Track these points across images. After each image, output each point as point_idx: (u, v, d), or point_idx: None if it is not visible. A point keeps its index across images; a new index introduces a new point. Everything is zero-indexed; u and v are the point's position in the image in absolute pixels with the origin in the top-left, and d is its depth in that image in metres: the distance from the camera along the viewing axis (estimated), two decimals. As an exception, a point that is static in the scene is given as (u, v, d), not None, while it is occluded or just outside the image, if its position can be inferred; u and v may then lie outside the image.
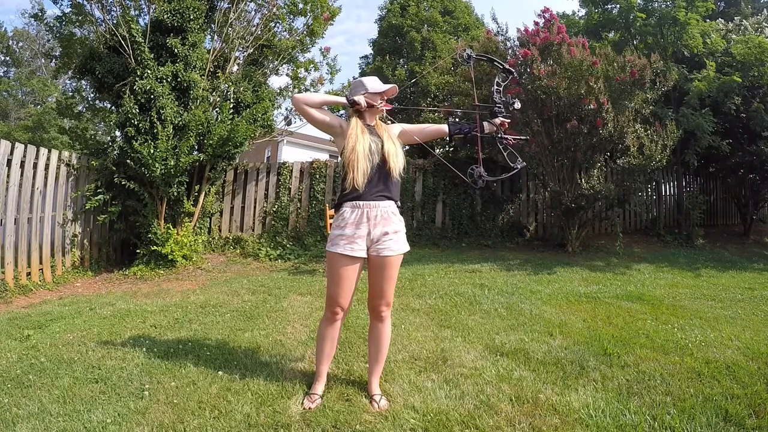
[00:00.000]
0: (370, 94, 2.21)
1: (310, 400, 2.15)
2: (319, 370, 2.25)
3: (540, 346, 2.89)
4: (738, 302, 4.17)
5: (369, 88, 2.22)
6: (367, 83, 2.24)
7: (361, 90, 2.22)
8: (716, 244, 8.03)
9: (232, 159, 6.87)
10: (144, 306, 3.99)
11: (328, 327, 2.20)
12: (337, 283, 2.12)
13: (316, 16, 7.18)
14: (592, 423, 1.97)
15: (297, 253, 6.66)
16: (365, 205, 2.11)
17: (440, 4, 11.48)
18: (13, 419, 2.03)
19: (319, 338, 2.24)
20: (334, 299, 2.14)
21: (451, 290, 4.44)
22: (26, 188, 4.89)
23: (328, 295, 2.17)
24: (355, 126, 2.16)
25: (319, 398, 2.17)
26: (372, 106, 2.20)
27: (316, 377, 2.25)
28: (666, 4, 8.01)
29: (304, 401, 2.15)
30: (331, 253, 2.14)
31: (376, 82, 2.25)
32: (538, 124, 6.66)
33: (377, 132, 2.20)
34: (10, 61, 21.73)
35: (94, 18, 6.23)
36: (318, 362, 2.25)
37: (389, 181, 2.15)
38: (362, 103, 2.17)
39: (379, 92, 2.22)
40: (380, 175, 2.13)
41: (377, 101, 2.21)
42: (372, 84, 2.24)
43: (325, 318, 2.21)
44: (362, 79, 2.31)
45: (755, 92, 7.71)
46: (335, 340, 2.24)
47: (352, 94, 2.23)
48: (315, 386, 2.23)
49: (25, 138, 15.98)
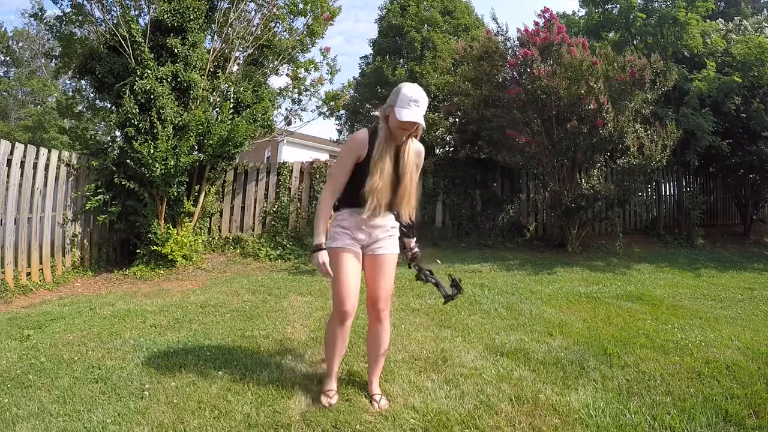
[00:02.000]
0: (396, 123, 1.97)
1: (328, 397, 2.13)
2: (331, 368, 2.21)
3: (540, 346, 2.89)
4: (738, 302, 4.17)
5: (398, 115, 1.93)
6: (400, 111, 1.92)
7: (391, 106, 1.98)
8: (716, 244, 8.03)
9: (232, 159, 6.86)
10: (144, 306, 3.98)
11: (339, 329, 2.13)
12: (342, 280, 2.06)
13: (316, 16, 7.17)
14: (592, 423, 1.97)
15: (297, 253, 6.65)
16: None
17: (440, 4, 11.48)
18: (13, 419, 2.03)
19: (329, 340, 2.18)
20: (342, 298, 2.07)
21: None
22: (26, 188, 4.89)
23: (334, 297, 2.10)
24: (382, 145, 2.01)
25: (336, 394, 2.16)
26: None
27: (328, 374, 2.22)
28: (666, 4, 8.01)
29: (322, 399, 2.12)
30: (332, 249, 2.09)
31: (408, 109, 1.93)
32: (538, 124, 6.66)
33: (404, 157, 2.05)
34: (10, 61, 21.73)
35: (94, 18, 6.23)
36: (329, 361, 2.22)
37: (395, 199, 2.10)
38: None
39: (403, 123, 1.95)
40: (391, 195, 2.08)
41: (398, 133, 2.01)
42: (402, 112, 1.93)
43: (335, 319, 2.13)
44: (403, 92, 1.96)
45: (755, 92, 7.70)
46: (346, 340, 2.19)
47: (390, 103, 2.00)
48: (329, 383, 2.20)
49: (25, 138, 15.96)
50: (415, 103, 1.94)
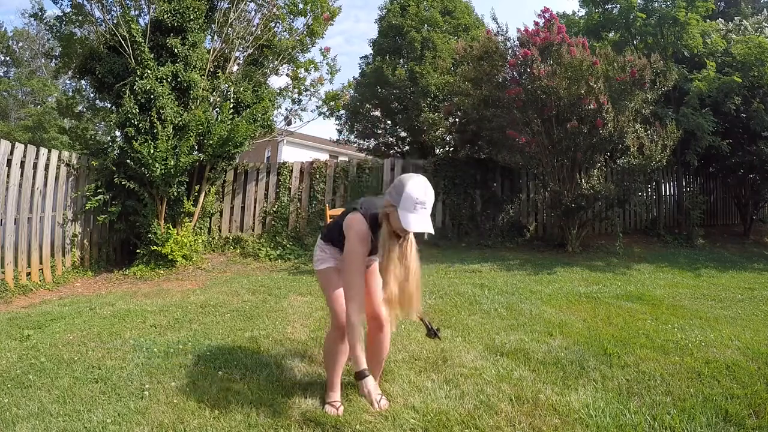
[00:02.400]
0: (400, 227, 1.84)
1: (334, 407, 2.08)
2: (332, 381, 2.14)
3: (540, 346, 2.88)
4: (738, 302, 4.17)
5: (404, 224, 1.80)
6: (406, 217, 1.79)
7: (393, 206, 1.83)
8: (716, 244, 8.03)
9: (232, 159, 6.87)
10: (144, 306, 3.98)
11: (339, 342, 2.08)
12: (337, 295, 2.04)
13: (316, 16, 7.17)
14: (592, 423, 1.97)
15: (297, 253, 6.65)
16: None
17: (440, 4, 11.47)
18: (13, 419, 2.03)
19: (329, 353, 2.15)
20: (339, 314, 2.04)
21: (451, 290, 4.43)
22: (26, 188, 4.89)
23: (332, 312, 2.09)
24: (387, 245, 1.92)
25: (341, 405, 2.10)
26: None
27: (330, 387, 2.14)
28: (666, 4, 8.01)
29: (327, 408, 2.08)
30: (321, 270, 2.10)
31: (415, 214, 1.80)
32: (538, 124, 6.66)
33: (406, 253, 1.97)
34: (10, 61, 21.71)
35: (94, 18, 6.23)
36: (331, 373, 2.16)
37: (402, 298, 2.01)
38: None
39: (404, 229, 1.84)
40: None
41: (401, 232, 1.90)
42: (408, 218, 1.80)
43: (334, 333, 2.10)
44: (407, 193, 1.79)
45: (755, 92, 7.70)
46: (347, 352, 2.12)
47: (392, 203, 1.85)
48: (332, 395, 2.13)
49: (25, 138, 15.94)
50: (422, 205, 1.79)
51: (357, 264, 1.93)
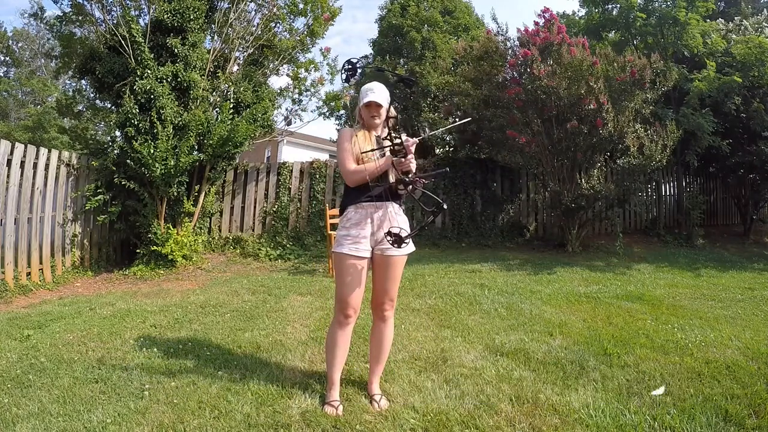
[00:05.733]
0: (363, 111, 2.20)
1: (333, 407, 2.08)
2: (332, 378, 2.16)
3: (540, 346, 2.89)
4: (738, 302, 4.17)
5: (359, 103, 2.20)
6: (361, 100, 2.16)
7: (359, 105, 2.22)
8: (716, 244, 8.03)
9: (232, 159, 6.87)
10: (144, 306, 3.98)
11: (340, 332, 2.13)
12: (346, 283, 2.09)
13: (317, 16, 7.17)
14: (592, 423, 1.97)
15: (297, 253, 6.66)
16: (369, 205, 2.11)
17: (440, 4, 11.48)
18: (13, 419, 2.03)
19: (330, 345, 2.16)
20: (345, 300, 2.09)
21: (451, 290, 4.43)
22: (26, 188, 4.89)
23: (337, 298, 2.12)
24: (363, 133, 2.22)
25: (340, 404, 2.11)
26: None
27: (330, 385, 2.16)
28: (666, 4, 8.01)
29: (326, 408, 2.08)
30: (337, 254, 2.12)
31: (366, 97, 2.14)
32: (538, 124, 6.66)
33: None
34: (10, 61, 21.72)
35: (94, 18, 6.23)
36: (330, 369, 2.17)
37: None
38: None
39: (368, 108, 2.16)
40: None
41: (370, 121, 2.21)
42: (362, 100, 2.16)
43: (336, 322, 2.14)
44: (362, 89, 2.21)
45: (755, 92, 7.70)
46: (347, 347, 2.18)
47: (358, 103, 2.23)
48: (331, 394, 2.14)
49: (25, 138, 15.94)
50: (370, 90, 2.14)
51: (346, 153, 2.15)
